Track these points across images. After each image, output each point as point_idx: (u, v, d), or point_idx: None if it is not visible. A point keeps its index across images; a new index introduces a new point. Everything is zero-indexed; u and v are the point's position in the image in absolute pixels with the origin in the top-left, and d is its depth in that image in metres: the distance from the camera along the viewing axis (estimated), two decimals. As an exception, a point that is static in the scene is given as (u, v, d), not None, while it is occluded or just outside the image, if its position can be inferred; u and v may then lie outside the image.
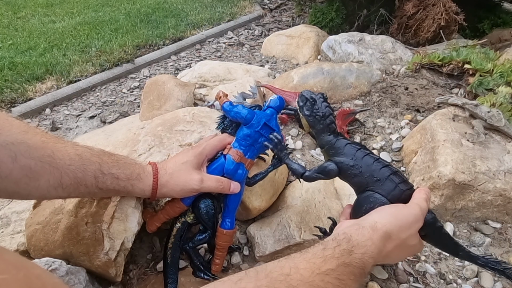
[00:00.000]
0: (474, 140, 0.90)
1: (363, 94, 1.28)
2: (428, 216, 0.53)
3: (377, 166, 0.53)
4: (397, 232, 0.48)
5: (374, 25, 1.93)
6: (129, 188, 0.59)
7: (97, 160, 0.55)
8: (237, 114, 0.66)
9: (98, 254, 0.65)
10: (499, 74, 1.15)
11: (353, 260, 0.42)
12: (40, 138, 0.49)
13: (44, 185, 0.49)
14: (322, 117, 0.58)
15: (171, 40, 2.09)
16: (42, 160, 0.48)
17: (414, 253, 0.56)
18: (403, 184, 0.53)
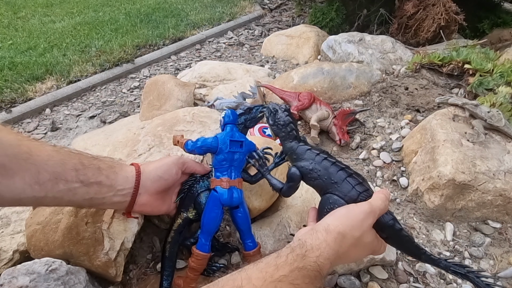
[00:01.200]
0: (474, 140, 0.90)
1: (363, 94, 1.28)
2: (387, 218, 0.54)
3: (334, 169, 0.56)
4: (350, 231, 0.48)
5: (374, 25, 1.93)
6: (112, 177, 0.56)
7: (76, 156, 0.53)
8: (203, 147, 0.68)
9: (98, 254, 0.65)
10: (499, 74, 1.15)
11: (307, 264, 0.42)
12: (15, 137, 0.48)
13: (19, 183, 0.46)
14: (283, 125, 0.63)
15: (171, 40, 2.09)
16: (17, 157, 0.46)
17: (375, 252, 0.55)
18: (359, 186, 0.55)
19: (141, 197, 0.61)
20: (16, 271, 0.57)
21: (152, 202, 0.64)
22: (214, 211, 0.66)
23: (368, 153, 1.05)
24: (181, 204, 0.70)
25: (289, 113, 0.64)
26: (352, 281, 0.71)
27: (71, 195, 0.52)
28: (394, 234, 0.54)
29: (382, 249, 0.56)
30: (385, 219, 0.54)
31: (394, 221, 0.55)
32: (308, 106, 1.12)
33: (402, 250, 0.57)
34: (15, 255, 0.69)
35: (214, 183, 0.67)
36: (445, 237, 0.84)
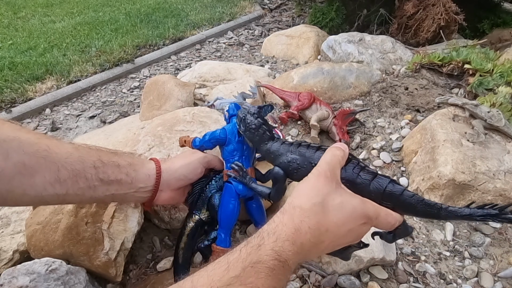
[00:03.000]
0: (474, 140, 0.90)
1: (363, 94, 1.28)
2: (383, 182, 0.48)
3: (311, 152, 0.53)
4: (306, 200, 0.43)
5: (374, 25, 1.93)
6: (132, 175, 0.56)
7: (95, 153, 0.53)
8: (212, 140, 0.68)
9: (98, 254, 0.65)
10: (499, 74, 1.15)
11: (262, 255, 0.38)
12: (33, 135, 0.48)
13: (39, 181, 0.46)
14: (254, 129, 0.61)
15: (171, 40, 2.09)
16: (37, 155, 0.46)
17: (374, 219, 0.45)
18: None
19: (162, 193, 0.62)
20: (16, 271, 0.57)
21: (174, 196, 0.65)
22: (231, 203, 0.66)
23: (368, 153, 1.05)
24: (193, 205, 0.69)
25: (259, 115, 0.62)
26: (352, 281, 0.71)
27: (92, 192, 0.52)
28: (397, 199, 0.47)
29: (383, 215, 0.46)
30: (381, 184, 0.47)
31: (392, 184, 0.48)
32: (308, 106, 1.12)
33: (415, 214, 0.50)
34: (15, 255, 0.69)
35: (227, 176, 0.67)
36: (445, 237, 0.84)
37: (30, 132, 0.48)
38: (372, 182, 0.48)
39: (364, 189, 0.48)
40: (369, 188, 0.48)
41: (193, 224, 0.68)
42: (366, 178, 0.48)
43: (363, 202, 0.46)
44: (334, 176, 0.46)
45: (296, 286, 0.71)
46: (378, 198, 0.48)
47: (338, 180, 0.47)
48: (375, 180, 0.48)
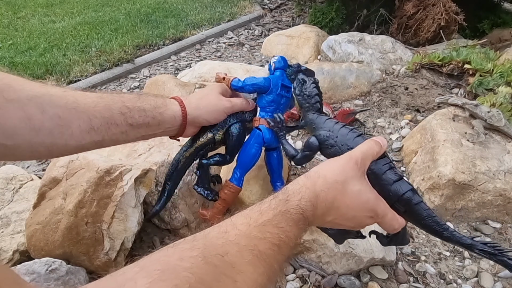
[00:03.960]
0: (474, 140, 0.90)
1: (363, 94, 1.28)
2: (404, 188, 0.49)
3: (351, 136, 0.55)
4: (330, 174, 0.46)
5: (374, 25, 1.93)
6: (158, 118, 0.59)
7: (119, 99, 0.56)
8: (255, 86, 0.70)
9: (98, 254, 0.65)
10: (499, 74, 1.15)
11: (290, 207, 0.42)
12: (59, 90, 0.50)
13: (76, 131, 0.50)
14: (308, 96, 0.63)
15: (171, 40, 2.09)
16: (68, 107, 0.49)
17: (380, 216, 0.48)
18: None
19: (189, 128, 0.65)
20: (16, 271, 0.57)
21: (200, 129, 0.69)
22: (255, 148, 0.69)
23: (368, 153, 1.05)
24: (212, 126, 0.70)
25: (317, 85, 0.64)
26: (352, 281, 0.71)
27: (125, 136, 0.56)
28: (411, 208, 0.49)
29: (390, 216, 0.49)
30: (402, 188, 0.49)
31: (412, 192, 0.50)
32: (308, 106, 1.12)
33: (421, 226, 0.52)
34: (15, 255, 0.69)
35: (259, 122, 0.70)
36: (445, 237, 0.84)
37: (54, 86, 0.51)
38: (395, 183, 0.50)
39: (385, 187, 0.50)
40: (389, 187, 0.50)
41: (205, 140, 0.69)
42: (391, 177, 0.50)
43: (377, 198, 0.49)
44: (363, 165, 0.49)
45: (296, 286, 0.71)
46: (394, 199, 0.50)
47: (365, 171, 0.50)
48: (399, 182, 0.50)
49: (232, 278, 0.33)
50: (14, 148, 0.45)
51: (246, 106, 0.70)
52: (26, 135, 0.46)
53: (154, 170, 0.76)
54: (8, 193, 0.82)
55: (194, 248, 0.33)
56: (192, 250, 0.33)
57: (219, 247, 0.35)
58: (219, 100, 0.66)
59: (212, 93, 0.66)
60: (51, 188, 0.70)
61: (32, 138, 0.46)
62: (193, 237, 0.36)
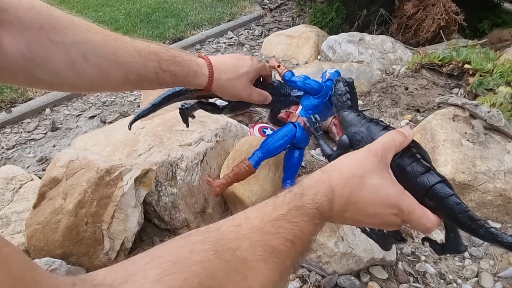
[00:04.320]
0: (474, 140, 0.90)
1: (363, 94, 1.28)
2: (432, 179, 0.45)
3: (377, 129, 0.54)
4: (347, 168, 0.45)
5: (374, 25, 1.93)
6: (186, 83, 0.64)
7: (155, 58, 0.58)
8: (307, 85, 0.72)
9: (98, 254, 0.65)
10: (499, 74, 1.15)
11: (305, 202, 0.41)
12: (101, 37, 0.52)
13: (113, 81, 0.54)
14: (340, 95, 0.65)
15: (171, 40, 2.09)
16: (108, 58, 0.52)
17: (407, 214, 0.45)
18: None
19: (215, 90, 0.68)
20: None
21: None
22: (284, 140, 0.71)
23: (368, 153, 1.05)
24: None
25: (348, 84, 0.66)
26: (352, 281, 0.71)
27: (153, 88, 0.63)
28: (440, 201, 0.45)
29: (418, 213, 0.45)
30: (430, 181, 0.46)
31: (442, 184, 0.46)
32: (308, 106, 1.12)
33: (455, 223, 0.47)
34: (15, 255, 0.69)
35: (297, 119, 0.72)
36: (445, 237, 0.84)
37: (97, 32, 0.53)
38: (422, 176, 0.46)
39: (411, 180, 0.47)
40: (416, 180, 0.46)
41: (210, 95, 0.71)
42: (417, 169, 0.47)
43: (400, 193, 0.45)
44: (384, 157, 0.46)
45: (296, 286, 0.71)
46: (421, 192, 0.46)
47: (387, 163, 0.47)
48: (426, 174, 0.47)
49: (243, 274, 0.33)
50: (58, 86, 0.52)
51: (262, 101, 0.72)
52: (70, 78, 0.50)
53: (154, 170, 0.76)
54: (8, 193, 0.82)
55: (206, 241, 0.33)
56: (204, 243, 0.33)
57: (231, 241, 0.34)
58: (243, 88, 0.68)
59: (243, 79, 0.68)
60: (51, 188, 0.70)
61: (75, 81, 0.51)
62: (206, 228, 0.35)
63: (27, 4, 0.46)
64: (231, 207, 0.89)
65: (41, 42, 0.47)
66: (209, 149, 0.89)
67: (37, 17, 0.47)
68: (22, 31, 0.46)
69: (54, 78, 0.50)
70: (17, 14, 0.45)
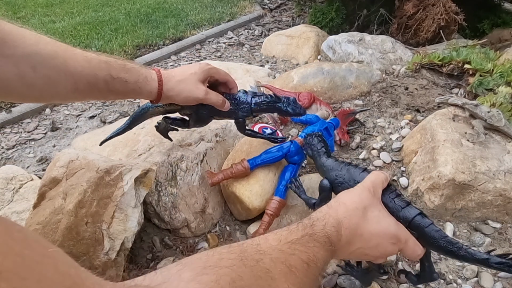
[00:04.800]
0: (474, 140, 0.90)
1: (363, 94, 1.28)
2: (413, 212, 0.53)
3: (357, 172, 0.61)
4: (350, 201, 0.50)
5: (374, 25, 1.93)
6: (137, 91, 0.64)
7: (105, 66, 0.58)
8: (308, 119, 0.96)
9: (98, 254, 0.65)
10: (499, 74, 1.15)
11: (316, 230, 0.45)
12: (51, 48, 0.53)
13: (62, 91, 0.54)
14: (314, 145, 0.73)
15: (171, 40, 2.09)
16: (57, 69, 0.52)
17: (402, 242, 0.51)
18: None
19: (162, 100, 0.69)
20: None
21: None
22: (279, 151, 0.83)
23: (368, 153, 1.04)
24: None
25: (318, 136, 0.75)
26: (352, 281, 0.71)
27: (103, 98, 0.63)
28: (422, 231, 0.52)
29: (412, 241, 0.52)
30: (411, 213, 0.53)
31: (421, 216, 0.53)
32: (308, 106, 1.12)
33: (436, 249, 0.54)
34: (15, 255, 0.69)
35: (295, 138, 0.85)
36: (445, 237, 0.84)
37: (47, 43, 0.53)
38: (403, 209, 0.54)
39: (394, 214, 0.54)
40: (399, 214, 0.53)
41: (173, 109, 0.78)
42: (399, 204, 0.54)
43: (397, 224, 0.52)
44: (376, 193, 0.53)
45: (296, 286, 0.70)
46: (405, 224, 0.53)
47: (379, 198, 0.54)
48: (407, 208, 0.54)
49: (267, 282, 0.36)
50: (6, 96, 0.52)
51: (220, 104, 0.72)
52: (18, 89, 0.51)
53: (154, 170, 0.76)
54: (8, 193, 0.82)
55: (231, 252, 0.36)
56: (230, 253, 0.36)
57: (253, 254, 0.38)
58: (196, 87, 0.68)
59: (192, 79, 0.68)
60: (51, 188, 0.70)
61: (23, 92, 0.52)
62: (229, 245, 0.39)
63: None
64: (231, 207, 0.89)
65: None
66: (209, 149, 0.89)
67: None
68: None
69: (3, 90, 0.50)
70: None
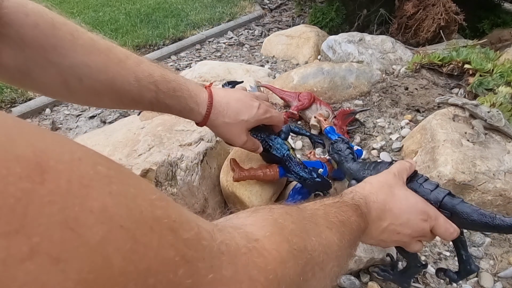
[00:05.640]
0: (474, 140, 0.90)
1: (363, 94, 1.28)
2: (442, 193, 0.53)
3: (383, 166, 0.62)
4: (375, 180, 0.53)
5: (374, 25, 1.93)
6: (180, 116, 0.64)
7: (154, 89, 0.58)
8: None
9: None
10: (499, 74, 1.15)
11: (345, 199, 0.46)
12: (102, 60, 0.53)
13: (107, 102, 0.56)
14: (341, 151, 0.73)
15: (171, 40, 2.09)
16: (104, 84, 0.53)
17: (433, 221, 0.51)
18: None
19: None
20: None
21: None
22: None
23: (368, 153, 1.04)
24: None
25: (346, 142, 0.75)
26: (352, 281, 0.71)
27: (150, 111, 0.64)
28: (454, 208, 0.52)
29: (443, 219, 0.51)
30: (440, 195, 0.53)
31: (450, 196, 0.53)
32: (308, 106, 1.12)
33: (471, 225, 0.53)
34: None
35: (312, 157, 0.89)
36: (445, 237, 0.84)
37: (100, 54, 0.53)
38: (432, 192, 0.54)
39: (424, 197, 0.54)
40: (429, 196, 0.54)
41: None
42: (428, 187, 0.55)
43: (424, 201, 0.53)
44: (400, 178, 0.55)
45: (296, 286, 0.70)
46: (435, 205, 0.53)
47: (404, 183, 0.55)
48: (436, 190, 0.54)
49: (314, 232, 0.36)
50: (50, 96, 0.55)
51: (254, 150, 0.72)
52: (63, 94, 0.53)
53: (154, 170, 0.75)
54: (8, 193, 0.82)
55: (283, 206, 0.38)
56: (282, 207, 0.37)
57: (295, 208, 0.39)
58: (238, 135, 0.66)
59: (240, 127, 0.66)
60: (51, 188, 0.70)
61: (68, 97, 0.55)
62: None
63: (33, 22, 0.46)
64: (231, 207, 0.89)
65: (38, 60, 0.48)
66: (209, 149, 0.89)
67: (40, 36, 0.47)
68: (22, 48, 0.46)
69: (46, 91, 0.53)
70: (20, 31, 0.45)
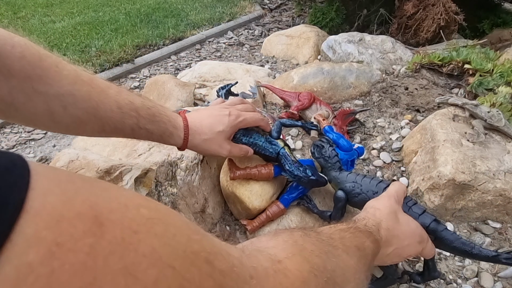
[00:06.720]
0: (474, 140, 0.90)
1: (363, 94, 1.28)
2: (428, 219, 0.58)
3: (374, 182, 0.64)
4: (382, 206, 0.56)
5: (374, 25, 1.93)
6: (161, 141, 0.65)
7: (135, 115, 0.60)
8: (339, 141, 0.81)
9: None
10: (499, 74, 1.15)
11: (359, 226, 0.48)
12: (86, 90, 0.54)
13: (89, 130, 0.57)
14: (328, 157, 0.72)
15: (171, 40, 2.09)
16: (88, 111, 0.54)
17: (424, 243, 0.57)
18: None
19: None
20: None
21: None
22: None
23: (368, 153, 1.04)
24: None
25: (334, 149, 0.75)
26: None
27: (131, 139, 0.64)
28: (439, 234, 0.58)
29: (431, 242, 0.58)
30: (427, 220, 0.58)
31: (436, 223, 0.58)
32: (308, 106, 1.12)
33: (451, 249, 0.60)
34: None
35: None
36: (445, 237, 0.84)
37: (83, 84, 0.54)
38: (420, 216, 0.59)
39: None
40: (417, 220, 0.58)
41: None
42: (416, 211, 0.59)
43: (419, 225, 0.58)
44: (399, 201, 0.59)
45: (296, 286, 0.70)
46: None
47: (401, 205, 0.59)
48: (423, 215, 0.59)
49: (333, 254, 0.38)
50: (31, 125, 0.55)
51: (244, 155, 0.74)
52: (45, 123, 0.53)
53: (154, 170, 0.75)
54: (8, 193, 0.82)
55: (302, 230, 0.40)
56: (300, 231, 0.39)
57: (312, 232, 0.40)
58: (220, 147, 0.69)
59: (218, 138, 0.69)
60: (51, 188, 0.70)
61: (50, 126, 0.54)
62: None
63: (19, 53, 0.47)
64: (231, 207, 0.89)
65: (24, 90, 0.48)
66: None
67: (27, 67, 0.47)
68: (8, 78, 0.46)
69: (30, 121, 0.53)
70: (6, 62, 0.46)
